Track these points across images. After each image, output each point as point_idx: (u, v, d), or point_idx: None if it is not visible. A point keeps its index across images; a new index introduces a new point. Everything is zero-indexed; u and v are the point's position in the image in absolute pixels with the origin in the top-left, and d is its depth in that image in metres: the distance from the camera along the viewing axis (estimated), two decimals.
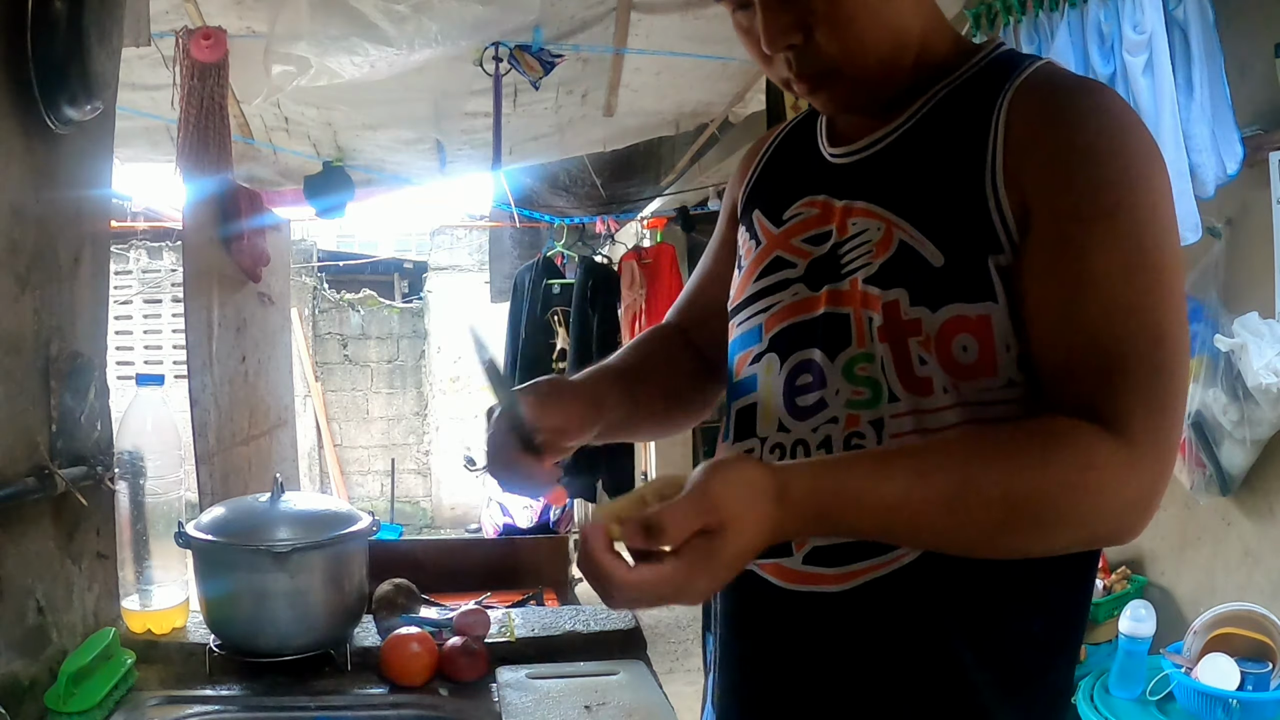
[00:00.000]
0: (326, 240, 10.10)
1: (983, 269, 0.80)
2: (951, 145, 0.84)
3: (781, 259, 0.95)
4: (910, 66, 0.89)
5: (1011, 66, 0.85)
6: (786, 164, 1.03)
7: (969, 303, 0.80)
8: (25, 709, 1.14)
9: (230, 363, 3.10)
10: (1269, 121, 2.17)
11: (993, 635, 0.84)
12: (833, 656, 0.87)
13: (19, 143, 1.19)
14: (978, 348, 0.80)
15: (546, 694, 1.24)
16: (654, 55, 3.26)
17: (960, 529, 0.75)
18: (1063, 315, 0.77)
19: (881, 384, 0.84)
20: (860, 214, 0.89)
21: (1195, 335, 2.24)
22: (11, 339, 1.18)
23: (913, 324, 0.82)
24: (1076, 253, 0.76)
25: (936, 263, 0.82)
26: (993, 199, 0.80)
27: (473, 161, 4.11)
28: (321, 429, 8.56)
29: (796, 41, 0.85)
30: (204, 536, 1.31)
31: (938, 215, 0.83)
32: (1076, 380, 0.76)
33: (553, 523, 5.84)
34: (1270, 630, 2.05)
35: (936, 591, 0.83)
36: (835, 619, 0.86)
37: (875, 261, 0.85)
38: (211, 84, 2.78)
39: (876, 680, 0.86)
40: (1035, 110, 0.81)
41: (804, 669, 0.89)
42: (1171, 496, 2.53)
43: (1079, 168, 0.78)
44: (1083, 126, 0.79)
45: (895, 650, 0.85)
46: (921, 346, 0.82)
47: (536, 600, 1.92)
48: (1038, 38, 2.26)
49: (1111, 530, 0.77)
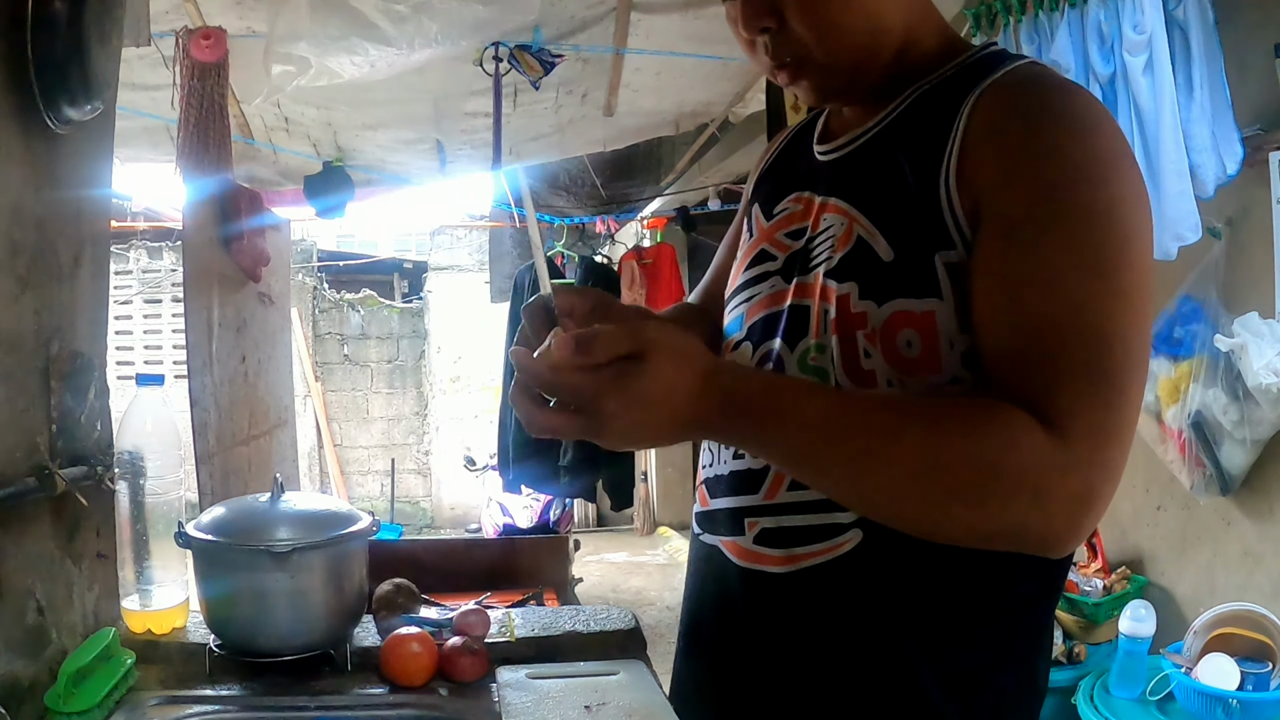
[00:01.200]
0: (326, 240, 10.10)
1: (929, 265, 0.80)
2: (916, 143, 0.85)
3: (766, 252, 0.97)
4: (891, 60, 0.89)
5: (992, 66, 0.85)
6: (786, 160, 1.05)
7: (914, 298, 0.81)
8: (25, 709, 1.14)
9: (230, 363, 3.10)
10: (1269, 121, 2.17)
11: (936, 630, 0.84)
12: (776, 635, 0.90)
13: (19, 143, 1.19)
14: (921, 343, 0.80)
15: (546, 694, 1.24)
16: (654, 55, 3.26)
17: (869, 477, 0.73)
18: (1006, 312, 0.76)
19: (830, 375, 0.85)
20: (831, 210, 0.91)
21: (1195, 335, 2.24)
22: (11, 339, 1.18)
23: (859, 317, 0.83)
24: (1023, 251, 0.75)
25: (886, 258, 0.83)
26: (945, 196, 0.80)
27: (473, 161, 4.11)
28: (321, 429, 8.56)
29: (771, 25, 0.86)
30: (204, 536, 1.31)
31: (891, 211, 0.84)
32: (1016, 375, 0.74)
33: (553, 523, 5.84)
34: (1270, 630, 2.05)
35: (879, 581, 0.84)
36: (779, 600, 0.88)
37: (836, 255, 0.87)
38: (211, 84, 2.78)
39: (817, 662, 0.87)
40: (997, 110, 0.80)
41: (750, 644, 0.92)
42: (1171, 496, 2.53)
43: (1032, 167, 0.77)
44: (1040, 127, 0.78)
45: (835, 635, 0.86)
46: (867, 340, 0.83)
47: (536, 600, 1.92)
48: (1038, 38, 2.26)
49: (1037, 528, 0.73)
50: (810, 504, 0.86)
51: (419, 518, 8.80)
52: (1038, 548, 0.75)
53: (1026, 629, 0.88)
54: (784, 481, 0.88)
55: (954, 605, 0.84)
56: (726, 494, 0.94)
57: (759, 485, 0.90)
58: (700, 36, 3.02)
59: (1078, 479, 0.71)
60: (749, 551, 0.91)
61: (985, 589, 0.84)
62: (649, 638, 1.44)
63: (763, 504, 0.90)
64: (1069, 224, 0.75)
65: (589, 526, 8.07)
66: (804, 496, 0.87)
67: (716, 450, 0.97)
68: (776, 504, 0.89)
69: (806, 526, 0.86)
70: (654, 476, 7.72)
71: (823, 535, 0.85)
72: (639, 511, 7.65)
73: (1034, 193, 0.76)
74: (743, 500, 0.92)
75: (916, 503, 0.74)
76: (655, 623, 5.04)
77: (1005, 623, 0.86)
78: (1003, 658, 0.87)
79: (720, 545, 0.94)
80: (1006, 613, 0.86)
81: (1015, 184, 0.77)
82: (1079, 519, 0.73)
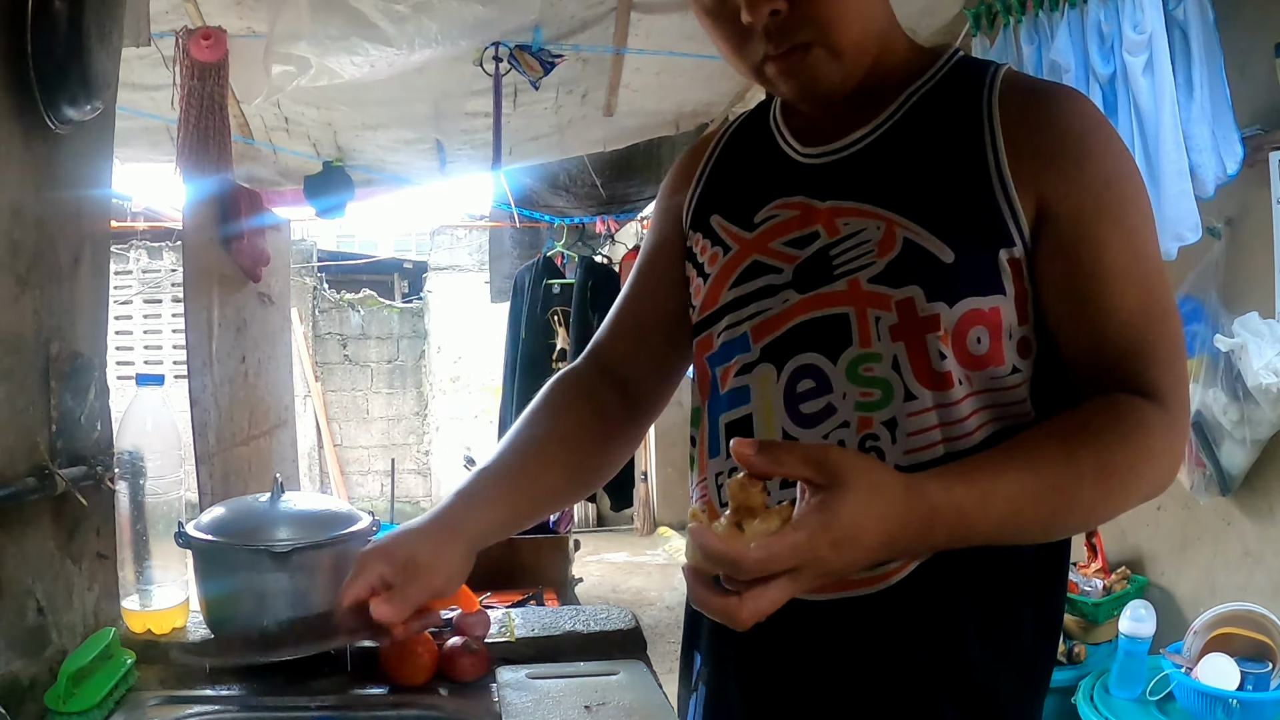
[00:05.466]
0: (326, 240, 10.11)
1: (992, 263, 0.84)
2: (944, 145, 0.87)
3: (761, 264, 0.93)
4: (872, 61, 0.90)
5: (979, 70, 0.90)
6: (743, 166, 1.01)
7: (981, 295, 0.83)
8: (25, 709, 1.14)
9: (230, 363, 3.10)
10: (1269, 121, 2.17)
11: (961, 668, 0.86)
12: (810, 664, 0.89)
13: (19, 143, 1.19)
14: (989, 338, 0.84)
15: (546, 694, 1.24)
16: (654, 55, 3.26)
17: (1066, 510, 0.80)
18: (1091, 305, 0.83)
19: (893, 383, 0.84)
20: (852, 214, 0.88)
21: (1195, 335, 2.24)
22: (11, 339, 1.18)
23: (931, 320, 0.83)
24: (1097, 247, 0.83)
25: (947, 259, 0.84)
26: (1003, 197, 0.84)
27: (473, 161, 4.11)
28: (321, 429, 8.56)
29: (781, 7, 0.83)
30: (204, 536, 1.31)
31: (944, 213, 0.85)
32: (1114, 360, 0.83)
33: (552, 523, 5.83)
34: (1270, 630, 2.05)
35: (908, 615, 0.85)
36: (814, 629, 0.88)
37: (880, 260, 0.85)
38: (211, 84, 2.78)
39: (844, 693, 0.88)
40: (1027, 113, 0.86)
41: (783, 674, 0.91)
42: (1172, 496, 2.53)
43: (1085, 167, 0.84)
44: (1078, 129, 0.85)
45: (866, 664, 0.87)
46: (941, 341, 0.83)
47: (536, 600, 1.92)
48: (1038, 38, 2.26)
49: (1159, 486, 0.83)
50: None
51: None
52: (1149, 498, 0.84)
53: (1033, 626, 0.90)
54: None
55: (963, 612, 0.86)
56: None
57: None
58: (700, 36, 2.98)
59: (1179, 435, 0.83)
60: None
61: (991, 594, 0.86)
62: (649, 638, 1.44)
63: None
64: (1126, 216, 0.84)
65: (589, 526, 8.06)
66: None
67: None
68: None
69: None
70: (654, 476, 7.72)
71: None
72: (639, 511, 7.65)
73: (1094, 190, 0.83)
74: None
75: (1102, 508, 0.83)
76: (655, 623, 5.04)
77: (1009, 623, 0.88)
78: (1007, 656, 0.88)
79: None
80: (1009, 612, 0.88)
81: (1076, 183, 0.83)
82: (1179, 467, 0.85)
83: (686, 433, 1.04)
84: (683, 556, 0.72)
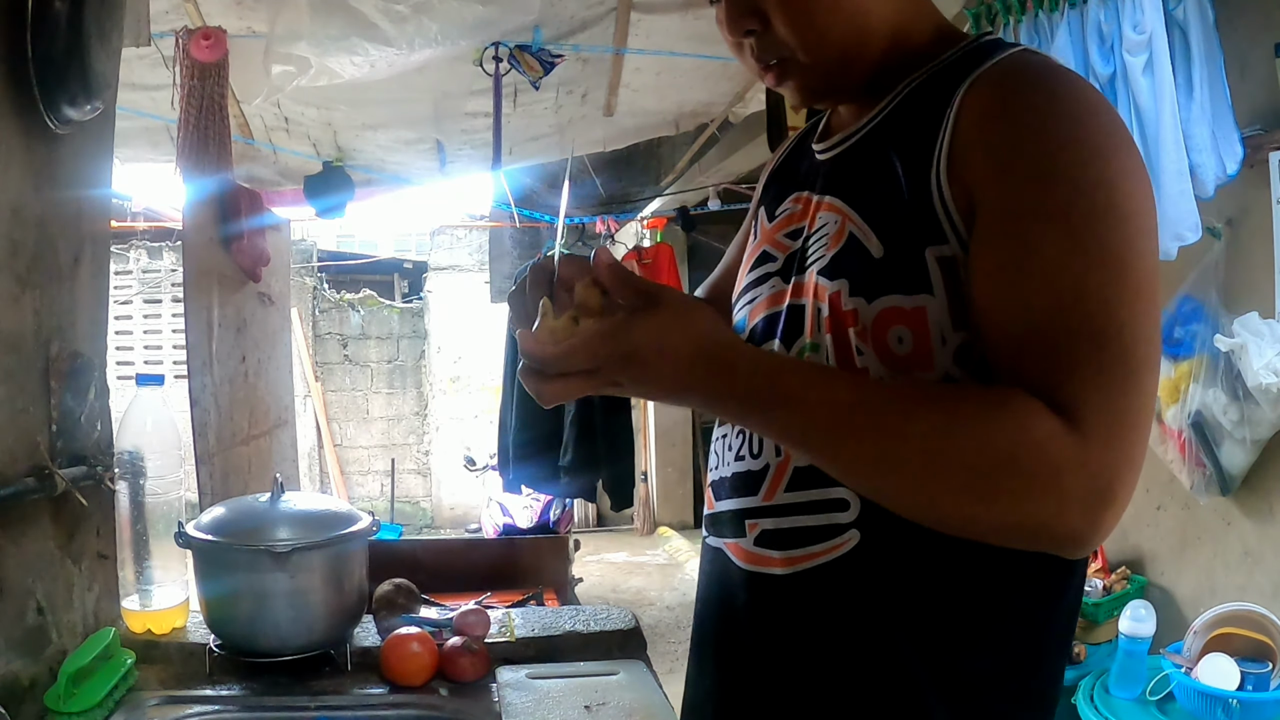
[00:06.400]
0: (326, 240, 10.10)
1: (919, 260, 0.79)
2: (907, 137, 0.83)
3: (767, 254, 0.97)
4: (879, 57, 0.88)
5: (984, 56, 0.83)
6: (791, 162, 1.04)
7: (905, 294, 0.79)
8: (25, 709, 1.14)
9: (230, 363, 3.10)
10: (1269, 121, 2.17)
11: (935, 635, 0.82)
12: (778, 638, 0.89)
13: (19, 143, 1.19)
14: (913, 339, 0.79)
15: (546, 694, 1.24)
16: (654, 55, 3.26)
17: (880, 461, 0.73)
18: (1009, 305, 0.74)
19: None
20: (826, 208, 0.90)
21: (1195, 335, 2.24)
22: (11, 339, 1.18)
23: (850, 314, 0.82)
24: (1022, 241, 0.74)
25: (877, 254, 0.82)
26: (936, 189, 0.79)
27: (473, 161, 4.11)
28: (321, 429, 8.56)
29: (754, 28, 0.86)
30: (204, 536, 1.31)
31: (882, 207, 0.83)
32: (1023, 368, 0.72)
33: (553, 523, 5.84)
34: (1270, 630, 2.05)
35: (877, 583, 0.83)
36: (780, 602, 0.88)
37: (829, 253, 0.86)
38: (211, 84, 2.78)
39: (816, 665, 0.87)
40: (986, 100, 0.78)
41: (753, 646, 0.91)
42: (1171, 496, 2.53)
43: (1025, 155, 0.75)
44: (1031, 114, 0.76)
45: (835, 637, 0.85)
46: (859, 337, 0.82)
47: (536, 600, 1.92)
48: (1038, 38, 2.26)
49: (1053, 522, 0.70)
50: (809, 505, 0.86)
51: (419, 518, 8.80)
52: (1056, 545, 0.73)
53: (1031, 637, 0.86)
54: (782, 482, 0.88)
55: (952, 610, 0.83)
56: (729, 496, 0.94)
57: (758, 486, 0.90)
58: (700, 36, 3.02)
59: (1096, 471, 0.69)
60: (750, 553, 0.90)
61: (984, 594, 0.82)
62: (649, 638, 1.44)
63: (762, 505, 0.89)
64: (1066, 210, 0.73)
65: (589, 526, 8.06)
66: (802, 497, 0.86)
67: (721, 452, 0.97)
68: (775, 505, 0.88)
69: (805, 528, 0.86)
70: (654, 476, 7.72)
71: (821, 536, 0.85)
72: (639, 511, 7.65)
73: (1029, 181, 0.75)
74: (744, 502, 0.91)
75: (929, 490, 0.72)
76: (655, 623, 5.04)
77: (1005, 630, 0.84)
78: (1004, 665, 0.85)
79: (724, 547, 0.94)
80: (1007, 620, 0.84)
81: (1009, 173, 0.75)
82: (1098, 512, 0.69)
83: (686, 433, 1.05)
84: (683, 557, 0.73)
